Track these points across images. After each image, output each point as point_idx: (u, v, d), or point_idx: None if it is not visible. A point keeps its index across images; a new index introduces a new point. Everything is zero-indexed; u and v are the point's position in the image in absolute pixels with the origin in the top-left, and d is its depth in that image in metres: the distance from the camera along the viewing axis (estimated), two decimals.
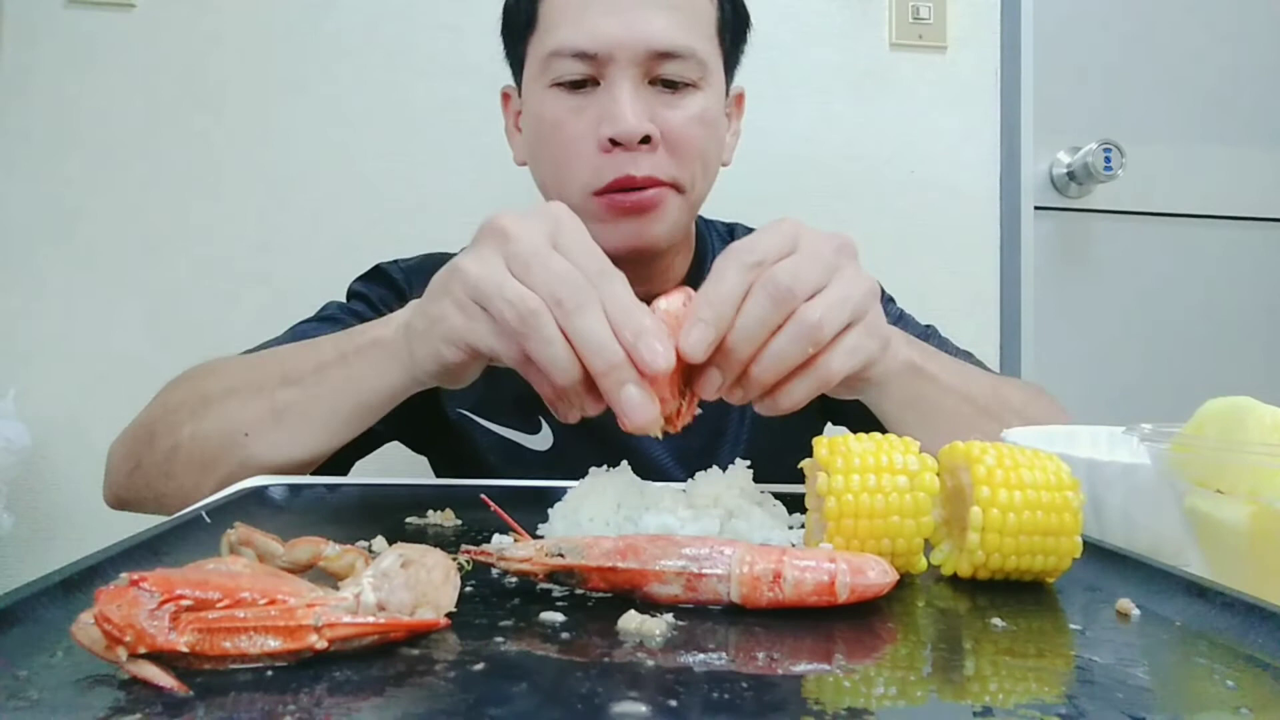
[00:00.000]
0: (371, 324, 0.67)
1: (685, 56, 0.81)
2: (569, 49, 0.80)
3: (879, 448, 0.45)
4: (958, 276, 1.48)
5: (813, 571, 0.38)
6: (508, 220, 0.52)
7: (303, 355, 0.70)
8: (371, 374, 0.65)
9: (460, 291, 0.53)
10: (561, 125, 0.82)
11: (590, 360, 0.48)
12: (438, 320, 0.56)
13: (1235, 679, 0.33)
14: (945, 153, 1.48)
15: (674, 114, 0.82)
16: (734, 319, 0.50)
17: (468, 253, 0.54)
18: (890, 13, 1.46)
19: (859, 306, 0.54)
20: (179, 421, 0.71)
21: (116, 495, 0.77)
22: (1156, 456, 0.50)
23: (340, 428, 0.68)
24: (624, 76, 0.80)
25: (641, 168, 0.80)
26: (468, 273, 0.52)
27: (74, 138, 1.30)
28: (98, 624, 0.28)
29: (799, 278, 0.51)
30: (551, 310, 0.49)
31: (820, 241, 0.54)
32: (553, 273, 0.49)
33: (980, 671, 0.34)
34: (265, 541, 0.39)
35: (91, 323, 1.30)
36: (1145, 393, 1.55)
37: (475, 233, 0.55)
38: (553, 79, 0.82)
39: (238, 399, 0.70)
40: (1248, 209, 1.61)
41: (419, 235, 1.27)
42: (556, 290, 0.49)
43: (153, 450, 0.72)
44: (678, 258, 0.95)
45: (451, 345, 0.55)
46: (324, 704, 0.28)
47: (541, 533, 0.51)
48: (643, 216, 0.83)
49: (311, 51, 1.35)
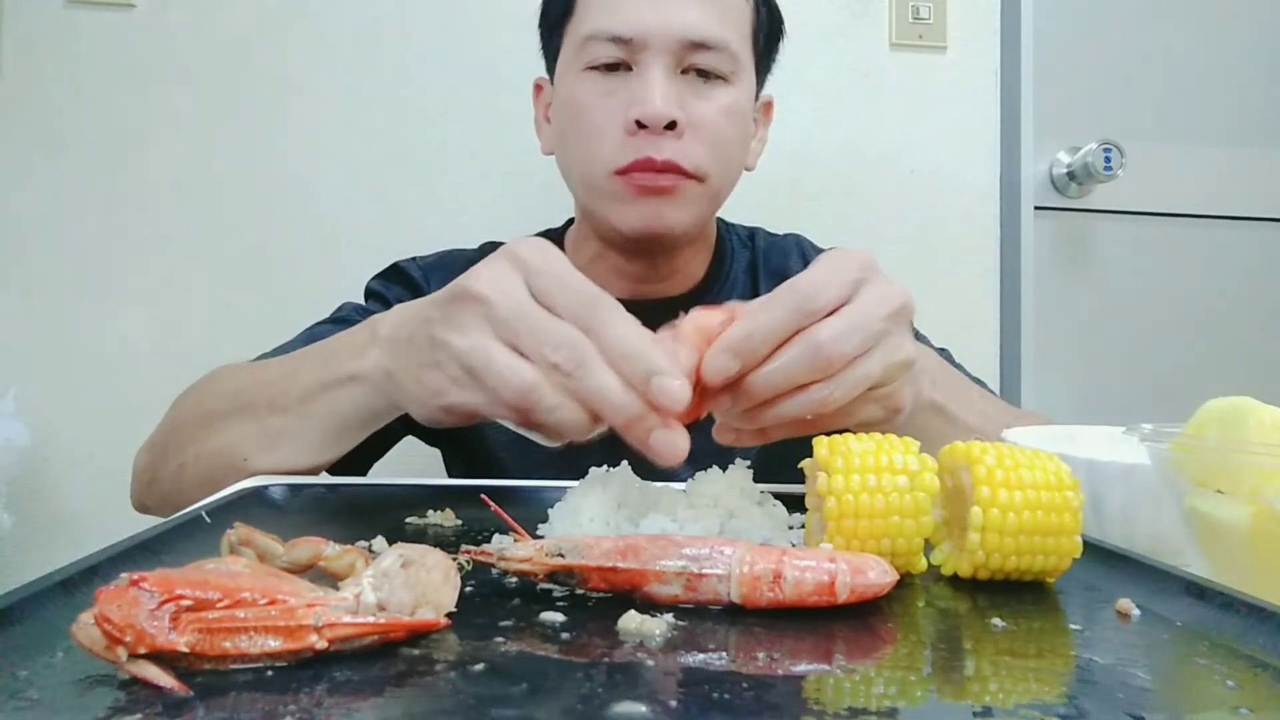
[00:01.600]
0: (346, 348, 0.65)
1: (719, 49, 0.83)
2: (605, 33, 0.82)
3: (879, 448, 0.45)
4: (958, 276, 1.48)
5: (813, 571, 0.38)
6: (479, 283, 0.50)
7: (286, 381, 0.69)
8: (354, 405, 0.64)
9: (452, 366, 0.51)
10: (592, 108, 0.84)
11: (607, 418, 0.47)
12: (436, 394, 0.54)
13: (1235, 679, 0.33)
14: (945, 153, 1.48)
15: (703, 104, 0.83)
16: (764, 359, 0.49)
17: (448, 322, 0.52)
18: (890, 13, 1.46)
19: (883, 379, 0.53)
20: (185, 441, 0.73)
21: (140, 502, 0.80)
22: (1156, 456, 0.50)
23: (335, 447, 0.69)
24: (656, 63, 0.82)
25: (664, 152, 0.81)
26: (454, 347, 0.51)
27: (74, 138, 1.30)
28: (98, 624, 0.28)
29: (841, 349, 0.49)
30: (549, 375, 0.47)
31: (878, 303, 0.51)
32: (542, 334, 0.47)
33: (980, 671, 0.34)
34: (265, 541, 0.39)
35: (91, 323, 1.30)
36: (1145, 393, 1.55)
37: (447, 292, 0.52)
38: (587, 62, 0.84)
39: (235, 422, 0.70)
40: (1248, 209, 1.61)
41: (419, 235, 1.27)
42: (550, 354, 0.47)
43: (165, 465, 0.74)
44: (696, 256, 0.95)
45: (452, 415, 0.55)
46: (324, 704, 0.28)
47: (541, 533, 0.51)
48: (662, 198, 0.83)
49: (312, 51, 1.35)
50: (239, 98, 1.34)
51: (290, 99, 1.35)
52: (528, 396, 0.47)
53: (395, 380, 0.59)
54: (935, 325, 1.07)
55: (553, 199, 1.08)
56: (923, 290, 1.36)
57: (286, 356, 0.75)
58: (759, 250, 1.03)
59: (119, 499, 0.81)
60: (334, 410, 0.66)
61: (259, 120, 1.34)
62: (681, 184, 0.83)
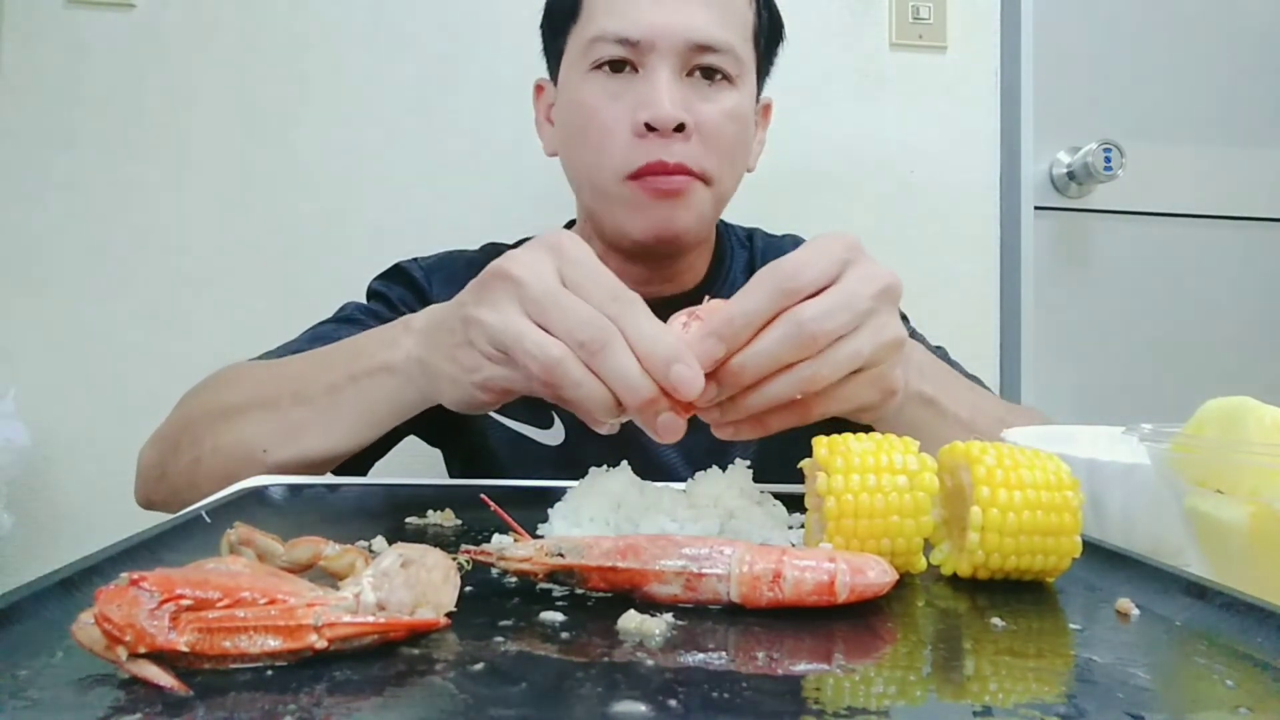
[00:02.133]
0: (376, 341, 0.68)
1: (724, 50, 0.84)
2: (613, 34, 0.82)
3: (879, 448, 0.45)
4: (958, 276, 1.48)
5: (812, 571, 0.38)
6: (514, 265, 0.52)
7: (313, 373, 0.71)
8: (384, 397, 0.66)
9: (484, 343, 0.54)
10: (599, 110, 0.84)
11: (623, 397, 0.49)
12: (471, 370, 0.57)
13: (1235, 679, 0.33)
14: (945, 153, 1.48)
15: (709, 106, 0.84)
16: (749, 342, 0.50)
17: (481, 301, 0.54)
18: (890, 13, 1.46)
19: (872, 358, 0.53)
20: (200, 435, 0.73)
21: (147, 498, 0.80)
22: (1156, 456, 0.50)
23: (359, 438, 0.70)
24: (663, 65, 0.82)
25: (674, 154, 0.82)
26: (487, 324, 0.53)
27: (74, 138, 1.30)
28: (98, 624, 0.28)
29: (825, 326, 0.50)
30: (575, 353, 0.49)
31: (863, 282, 0.52)
32: (571, 315, 0.50)
33: (980, 671, 0.34)
34: (265, 541, 0.39)
35: (91, 323, 1.30)
36: (1145, 393, 1.55)
37: (481, 277, 0.55)
38: (594, 62, 0.84)
39: (254, 415, 0.71)
40: (1248, 209, 1.61)
41: (420, 235, 1.27)
42: (577, 333, 0.49)
43: (177, 460, 0.74)
44: (698, 257, 0.96)
45: (488, 391, 0.57)
46: (324, 704, 0.28)
47: (541, 533, 0.51)
48: (672, 201, 0.84)
49: (313, 50, 1.35)
50: (239, 98, 1.34)
51: (290, 99, 1.35)
52: (554, 370, 0.49)
53: (428, 367, 0.62)
54: (935, 325, 1.07)
55: (553, 200, 1.08)
56: (923, 290, 1.38)
57: (308, 353, 0.76)
58: (757, 250, 1.03)
59: (119, 499, 0.81)
60: (364, 401, 0.67)
61: (259, 120, 1.34)
62: (691, 186, 0.84)
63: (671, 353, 0.47)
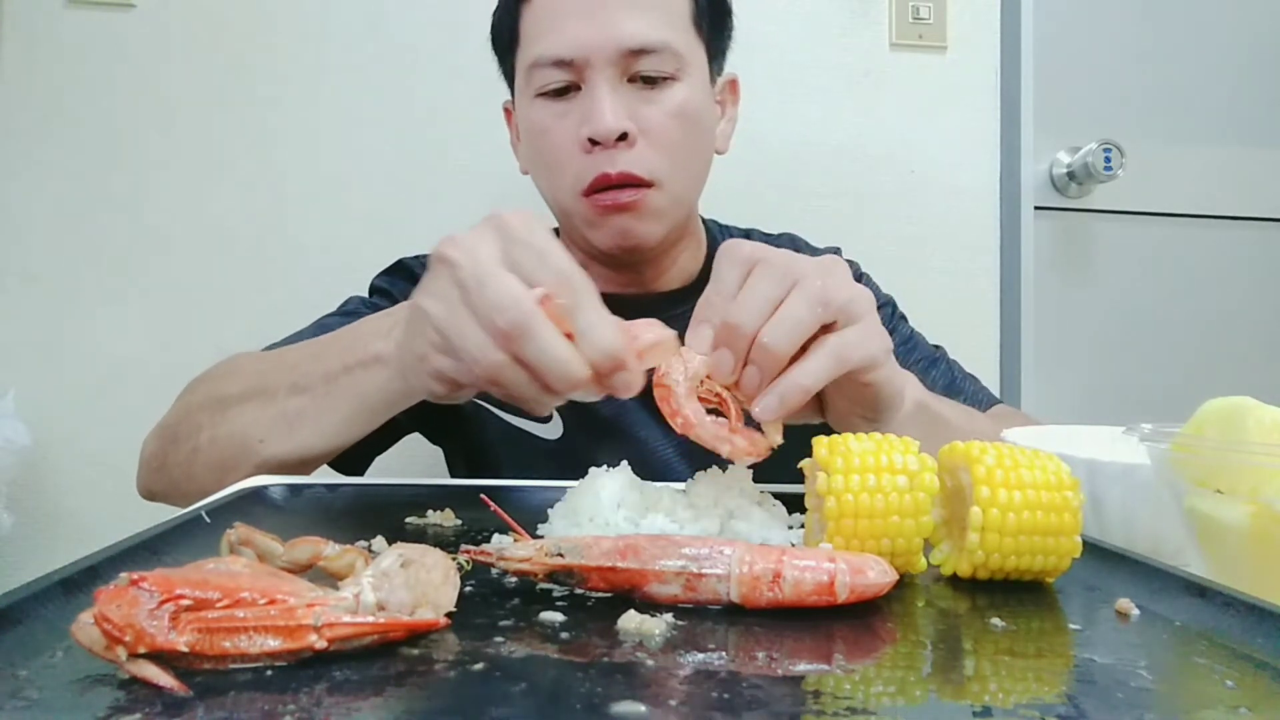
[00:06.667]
0: (370, 331, 0.68)
1: (659, 51, 0.83)
2: (548, 58, 0.83)
3: (879, 448, 0.45)
4: (957, 276, 1.48)
5: (812, 571, 0.38)
6: (452, 247, 0.51)
7: (309, 364, 0.70)
8: (377, 387, 0.66)
9: (430, 332, 0.52)
10: (548, 132, 0.85)
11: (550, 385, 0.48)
12: (421, 359, 0.55)
13: (1235, 679, 0.33)
14: (945, 153, 1.48)
15: (652, 109, 0.84)
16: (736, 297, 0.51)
17: (423, 289, 0.53)
18: (890, 13, 1.46)
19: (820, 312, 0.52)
20: (198, 426, 0.73)
21: (147, 488, 0.79)
22: (1156, 456, 0.50)
23: (355, 429, 0.69)
24: (601, 78, 0.82)
25: (617, 164, 0.82)
26: (429, 314, 0.51)
27: (74, 138, 1.30)
28: (98, 624, 0.28)
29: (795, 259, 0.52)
30: (495, 341, 0.48)
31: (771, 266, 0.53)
32: (489, 301, 0.48)
33: (980, 671, 0.34)
34: (265, 541, 0.39)
35: (91, 322, 1.30)
36: (1145, 393, 1.55)
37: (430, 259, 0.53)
38: (537, 89, 0.85)
39: (251, 405, 0.71)
40: (1248, 209, 1.61)
41: (421, 235, 1.26)
42: (495, 320, 0.47)
43: (176, 451, 0.74)
44: (683, 255, 0.96)
45: (441, 382, 0.55)
46: (324, 704, 0.28)
47: (541, 533, 0.51)
48: (628, 214, 0.84)
49: (313, 50, 1.35)
50: (239, 98, 1.34)
51: (290, 99, 1.34)
52: (481, 362, 0.49)
53: (402, 357, 0.60)
54: (935, 325, 1.08)
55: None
56: (923, 290, 1.38)
57: (306, 342, 0.76)
58: None
59: (119, 499, 0.81)
60: (357, 391, 0.66)
61: (259, 120, 1.34)
62: (643, 196, 0.84)
63: (611, 345, 0.47)
